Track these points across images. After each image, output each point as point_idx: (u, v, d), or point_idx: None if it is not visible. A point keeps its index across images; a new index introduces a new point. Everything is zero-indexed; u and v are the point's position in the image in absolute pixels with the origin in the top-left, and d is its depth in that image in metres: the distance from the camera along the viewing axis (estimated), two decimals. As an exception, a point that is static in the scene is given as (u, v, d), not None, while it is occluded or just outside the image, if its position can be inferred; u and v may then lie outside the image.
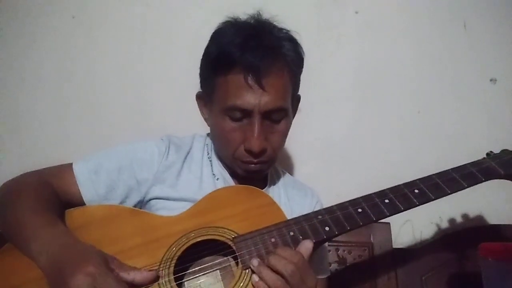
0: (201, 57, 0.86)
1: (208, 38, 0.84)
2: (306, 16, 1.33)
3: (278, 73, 0.77)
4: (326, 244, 1.08)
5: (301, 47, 0.83)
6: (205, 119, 0.90)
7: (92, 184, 0.79)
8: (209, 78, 0.81)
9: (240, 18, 0.83)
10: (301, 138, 1.26)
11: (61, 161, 0.82)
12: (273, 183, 0.95)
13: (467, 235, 1.19)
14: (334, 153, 1.32)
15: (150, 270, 0.64)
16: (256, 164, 0.81)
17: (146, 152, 0.84)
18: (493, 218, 1.23)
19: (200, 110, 0.90)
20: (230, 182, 0.88)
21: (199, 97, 0.89)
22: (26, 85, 1.30)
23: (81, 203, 0.78)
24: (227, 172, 0.89)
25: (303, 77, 0.88)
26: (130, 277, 0.61)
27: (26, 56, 1.31)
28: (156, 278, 0.64)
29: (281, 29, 0.82)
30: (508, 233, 1.16)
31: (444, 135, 1.31)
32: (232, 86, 0.76)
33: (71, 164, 0.80)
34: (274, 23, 0.83)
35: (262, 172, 0.86)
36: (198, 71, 0.87)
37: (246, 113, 0.77)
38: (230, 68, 0.75)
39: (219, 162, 0.90)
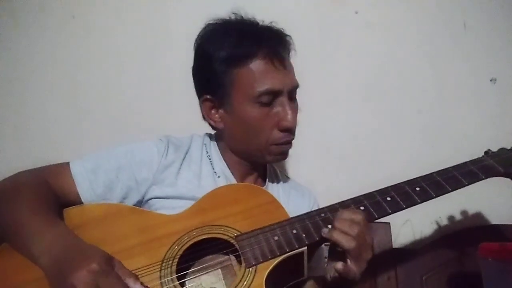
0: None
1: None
2: (306, 16, 1.33)
3: (288, 54, 0.86)
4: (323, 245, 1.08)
5: None
6: (215, 122, 0.87)
7: (90, 184, 0.79)
8: (222, 76, 0.81)
9: (222, 19, 0.86)
10: (301, 138, 1.25)
11: (59, 161, 0.82)
12: (272, 182, 0.96)
13: (467, 235, 1.19)
14: (334, 153, 1.32)
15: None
16: (290, 144, 0.86)
17: (145, 152, 0.84)
18: (493, 218, 1.22)
19: (207, 114, 0.87)
20: (232, 179, 0.88)
21: (205, 101, 0.86)
22: (25, 85, 1.30)
23: (78, 202, 0.78)
24: (229, 170, 0.89)
25: (304, 77, 0.88)
26: (131, 281, 0.60)
27: (26, 56, 1.31)
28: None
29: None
30: (508, 233, 1.16)
31: (444, 135, 1.31)
32: (259, 73, 0.79)
33: (68, 163, 0.80)
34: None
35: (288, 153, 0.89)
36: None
37: (276, 95, 0.81)
38: (252, 58, 0.79)
39: (222, 160, 0.90)
